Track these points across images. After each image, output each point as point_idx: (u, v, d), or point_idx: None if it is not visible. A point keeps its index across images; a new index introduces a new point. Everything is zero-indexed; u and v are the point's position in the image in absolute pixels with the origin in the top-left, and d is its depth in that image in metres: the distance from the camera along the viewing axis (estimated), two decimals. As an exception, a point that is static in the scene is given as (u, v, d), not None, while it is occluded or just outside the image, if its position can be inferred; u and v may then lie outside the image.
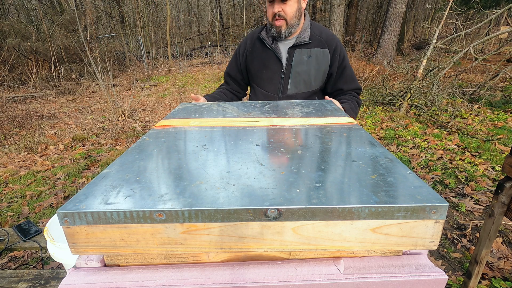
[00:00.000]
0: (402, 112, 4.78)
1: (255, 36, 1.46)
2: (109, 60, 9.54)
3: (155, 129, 0.85)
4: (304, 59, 1.37)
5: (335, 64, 1.39)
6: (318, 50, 1.37)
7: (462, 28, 4.95)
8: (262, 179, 0.53)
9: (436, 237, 0.47)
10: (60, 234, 1.06)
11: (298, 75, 1.39)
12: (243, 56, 1.49)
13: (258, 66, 1.44)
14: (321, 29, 1.41)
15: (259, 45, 1.43)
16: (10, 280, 1.23)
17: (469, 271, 1.37)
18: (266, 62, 1.42)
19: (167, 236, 0.47)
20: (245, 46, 1.48)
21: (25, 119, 5.22)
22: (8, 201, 2.73)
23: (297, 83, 1.40)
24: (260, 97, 1.49)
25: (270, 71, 1.42)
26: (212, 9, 18.83)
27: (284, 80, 1.41)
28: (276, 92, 1.44)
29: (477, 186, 2.57)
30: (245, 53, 1.48)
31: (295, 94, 1.42)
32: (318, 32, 1.39)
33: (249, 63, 1.48)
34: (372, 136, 0.76)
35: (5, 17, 10.34)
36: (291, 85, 1.41)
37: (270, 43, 1.39)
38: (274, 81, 1.43)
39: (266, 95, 1.46)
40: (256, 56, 1.44)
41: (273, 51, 1.39)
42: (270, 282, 0.48)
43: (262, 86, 1.47)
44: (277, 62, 1.40)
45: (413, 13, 15.03)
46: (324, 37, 1.38)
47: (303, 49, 1.37)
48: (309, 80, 1.40)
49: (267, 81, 1.44)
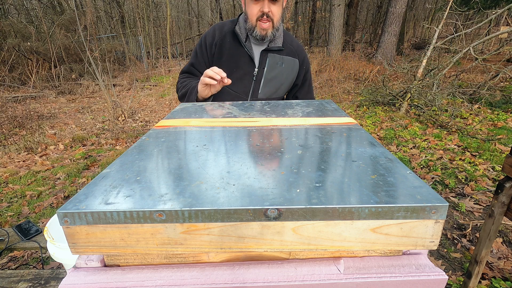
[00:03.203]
0: (402, 112, 4.78)
1: (226, 30, 1.32)
2: (109, 60, 9.54)
3: (155, 129, 0.85)
4: (277, 65, 1.34)
5: (301, 75, 1.40)
6: (289, 59, 1.36)
7: (462, 28, 4.95)
8: (262, 179, 0.53)
9: (436, 237, 0.47)
10: (60, 234, 1.06)
11: (270, 81, 1.35)
12: (210, 49, 1.34)
13: (228, 63, 1.32)
14: (292, 38, 1.39)
15: (230, 40, 1.31)
16: (10, 280, 1.23)
17: (469, 271, 1.37)
18: (238, 61, 1.32)
19: (167, 236, 0.47)
20: (213, 38, 1.33)
21: (25, 119, 5.22)
22: (8, 201, 2.73)
23: (268, 88, 1.36)
24: (227, 97, 1.36)
25: (242, 71, 1.33)
26: (212, 9, 18.83)
27: (255, 83, 1.35)
28: (246, 94, 1.37)
29: (477, 186, 2.57)
30: (213, 45, 1.33)
31: (264, 98, 1.38)
32: (289, 40, 1.37)
33: (217, 58, 1.34)
34: (372, 136, 0.76)
35: (5, 17, 10.34)
36: (262, 89, 1.36)
37: (244, 41, 1.29)
38: (245, 82, 1.35)
39: (234, 95, 1.37)
40: (226, 52, 1.32)
41: (246, 51, 1.30)
42: (270, 282, 0.48)
43: (230, 86, 1.33)
44: (249, 63, 1.32)
45: (413, 13, 15.04)
46: (295, 47, 1.37)
47: (276, 55, 1.32)
48: (279, 87, 1.38)
49: (237, 81, 1.33)
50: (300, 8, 15.94)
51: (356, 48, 11.58)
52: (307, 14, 16.25)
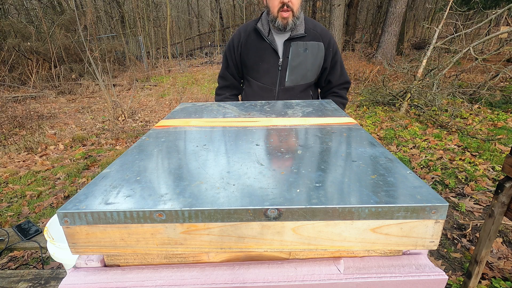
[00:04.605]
0: (402, 112, 4.78)
1: (249, 28, 1.43)
2: (109, 60, 9.54)
3: (155, 129, 0.85)
4: (301, 52, 1.38)
5: (329, 58, 1.42)
6: (313, 43, 1.39)
7: (462, 28, 4.95)
8: (262, 179, 0.53)
9: (436, 237, 0.47)
10: (60, 234, 1.06)
11: (295, 68, 1.40)
12: (237, 49, 1.45)
13: (254, 58, 1.42)
14: (315, 23, 1.43)
15: (254, 37, 1.41)
16: (10, 280, 1.23)
17: (469, 271, 1.37)
18: (262, 55, 1.40)
19: (167, 236, 0.47)
20: (239, 39, 1.44)
21: (25, 119, 5.22)
22: (8, 201, 2.73)
23: (295, 75, 1.41)
24: (256, 90, 1.46)
25: (267, 63, 1.41)
26: (212, 9, 18.83)
27: (281, 73, 1.41)
28: (274, 85, 1.44)
29: (477, 186, 2.57)
30: (239, 46, 1.44)
31: (292, 86, 1.43)
32: (312, 26, 1.40)
33: (244, 56, 1.44)
34: (372, 136, 0.76)
35: (5, 17, 10.34)
36: (288, 77, 1.42)
37: (266, 35, 1.38)
38: (271, 73, 1.42)
39: (263, 87, 1.45)
40: (251, 48, 1.42)
41: (269, 43, 1.38)
42: (270, 282, 0.48)
43: (258, 79, 1.45)
44: (273, 54, 1.39)
45: (413, 13, 15.04)
46: (319, 31, 1.40)
47: (299, 42, 1.37)
48: (306, 73, 1.42)
49: (264, 73, 1.42)
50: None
51: (356, 48, 11.58)
52: (307, 14, 16.24)
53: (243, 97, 1.61)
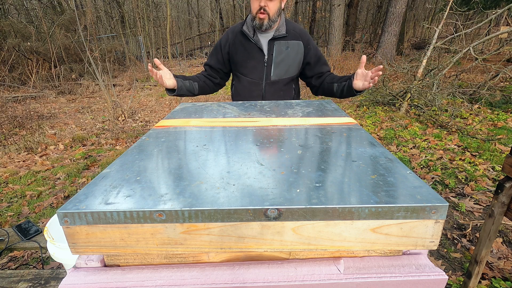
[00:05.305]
0: (402, 112, 4.78)
1: (237, 30, 1.63)
2: (109, 60, 9.54)
3: (155, 129, 0.85)
4: (283, 49, 1.59)
5: (309, 54, 1.62)
6: (293, 42, 1.60)
7: (462, 28, 4.95)
8: (262, 179, 0.53)
9: (436, 237, 0.47)
10: (60, 234, 1.06)
11: (279, 64, 1.60)
12: (225, 48, 1.65)
13: (242, 56, 1.63)
14: (294, 25, 1.64)
15: (241, 38, 1.61)
16: (10, 280, 1.23)
17: (469, 271, 1.37)
18: (250, 53, 1.61)
19: (167, 236, 0.47)
20: (227, 39, 1.65)
21: (25, 119, 5.22)
22: (8, 201, 2.73)
23: (279, 70, 1.62)
24: (246, 84, 1.67)
25: (254, 60, 1.61)
26: (212, 9, 18.83)
27: (267, 68, 1.62)
28: (261, 79, 1.64)
29: (477, 186, 2.57)
30: (227, 45, 1.64)
31: (277, 80, 1.63)
32: (292, 27, 1.62)
33: (233, 54, 1.64)
34: (372, 136, 0.76)
35: (5, 17, 10.34)
36: (273, 72, 1.62)
37: (251, 36, 1.57)
38: (258, 69, 1.62)
39: (252, 82, 1.65)
40: (239, 48, 1.62)
41: (255, 43, 1.58)
42: (270, 282, 0.48)
43: (246, 74, 1.65)
44: (259, 52, 1.60)
45: (413, 13, 15.04)
46: (298, 31, 1.62)
47: (281, 41, 1.58)
48: (288, 68, 1.63)
49: (252, 69, 1.63)
50: (300, 8, 15.93)
51: (356, 48, 11.57)
52: (307, 14, 16.25)
53: (233, 92, 1.78)
